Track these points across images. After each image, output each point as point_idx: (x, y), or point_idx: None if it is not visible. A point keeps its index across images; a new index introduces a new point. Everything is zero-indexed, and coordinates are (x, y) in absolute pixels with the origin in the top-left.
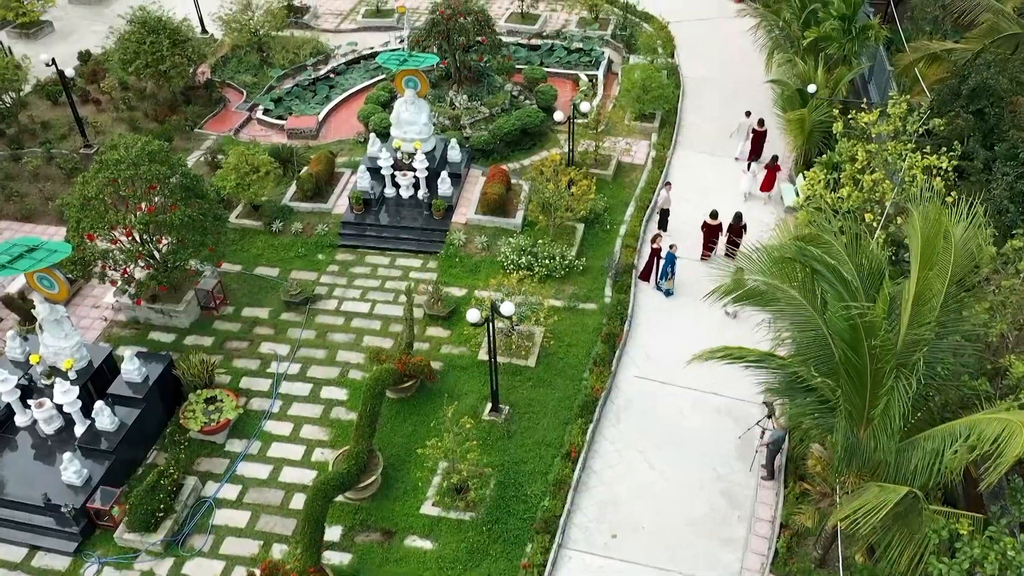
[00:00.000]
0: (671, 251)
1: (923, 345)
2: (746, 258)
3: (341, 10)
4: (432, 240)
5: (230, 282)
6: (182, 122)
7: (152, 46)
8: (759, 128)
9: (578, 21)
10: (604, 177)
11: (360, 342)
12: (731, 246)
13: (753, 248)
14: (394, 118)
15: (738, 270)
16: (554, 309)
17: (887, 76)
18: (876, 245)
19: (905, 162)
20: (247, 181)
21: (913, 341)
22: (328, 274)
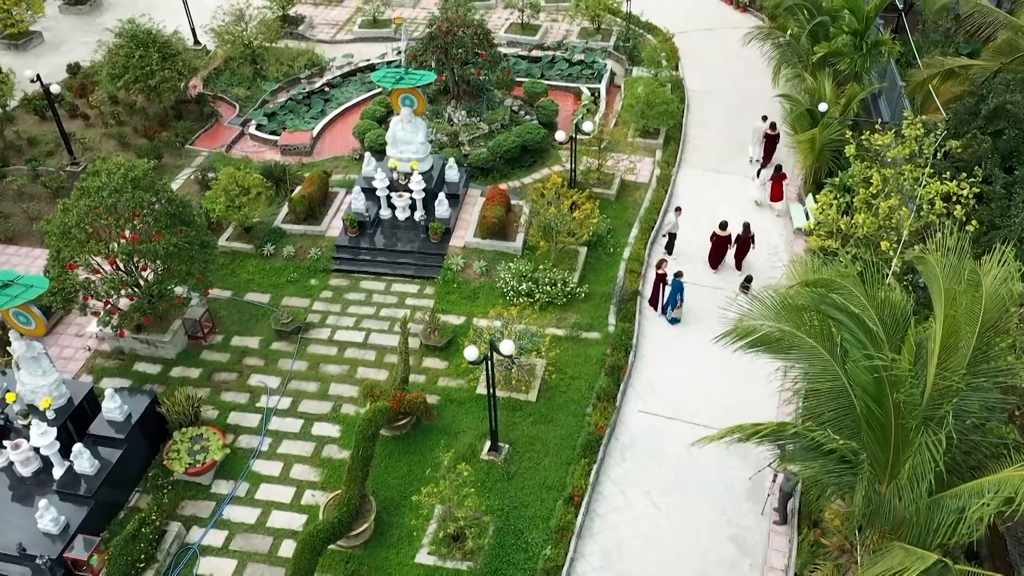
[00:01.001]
0: (677, 278)
1: (952, 397)
2: (759, 303)
3: (337, 20)
4: (429, 264)
5: (219, 309)
6: (172, 138)
7: (141, 60)
8: (771, 132)
9: (579, 32)
10: (607, 197)
11: (354, 374)
12: (739, 257)
13: (766, 292)
14: (390, 137)
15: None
16: (556, 339)
17: (899, 92)
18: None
19: (923, 188)
20: (237, 203)
21: (941, 393)
22: (321, 300)
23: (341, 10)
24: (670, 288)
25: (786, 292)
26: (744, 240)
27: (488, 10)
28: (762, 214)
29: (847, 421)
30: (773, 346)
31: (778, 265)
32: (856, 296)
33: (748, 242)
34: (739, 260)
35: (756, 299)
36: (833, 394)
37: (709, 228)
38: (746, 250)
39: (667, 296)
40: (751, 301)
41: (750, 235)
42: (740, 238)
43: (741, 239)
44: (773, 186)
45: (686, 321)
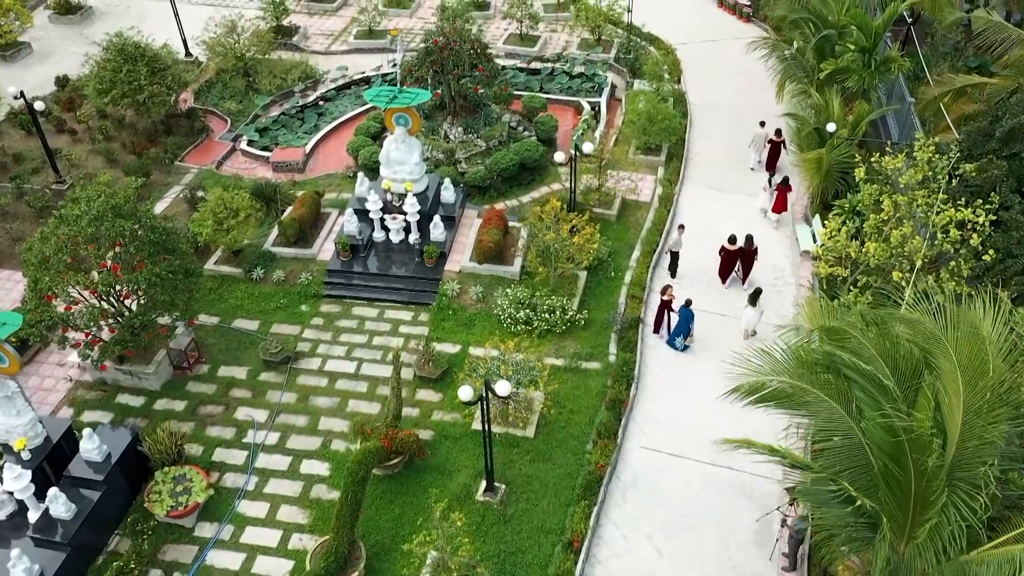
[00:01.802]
0: (687, 307)
1: (977, 457)
2: (770, 356)
3: (332, 30)
4: (423, 290)
5: (206, 336)
6: (161, 155)
7: (129, 75)
8: (776, 138)
9: (579, 43)
10: (608, 217)
11: (345, 407)
12: (744, 270)
13: (776, 346)
14: (383, 157)
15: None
16: (554, 370)
17: (908, 108)
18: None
19: (937, 216)
20: (226, 226)
21: (964, 452)
22: (311, 328)
23: (336, 20)
24: (679, 317)
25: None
26: (748, 252)
27: (486, 20)
28: (769, 231)
29: (863, 479)
30: (784, 402)
31: (784, 288)
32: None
33: (752, 254)
34: (746, 273)
35: (767, 354)
36: (848, 450)
37: (713, 248)
38: (751, 262)
39: (676, 325)
40: (760, 355)
41: (754, 247)
42: (744, 250)
43: (745, 252)
44: (777, 196)
45: (691, 349)
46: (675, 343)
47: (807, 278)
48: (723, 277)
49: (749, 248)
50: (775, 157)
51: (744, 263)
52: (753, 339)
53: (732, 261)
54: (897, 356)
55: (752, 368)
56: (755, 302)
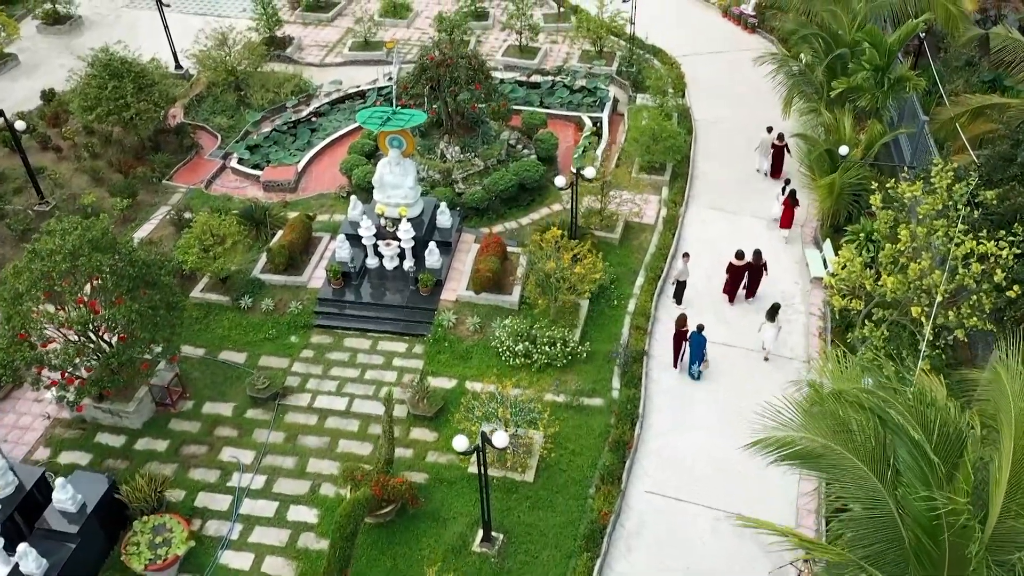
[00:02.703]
0: (699, 332)
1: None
2: (799, 411)
3: (327, 41)
4: (418, 320)
5: (191, 369)
6: (148, 173)
7: (115, 92)
8: (779, 143)
9: (580, 55)
10: (610, 241)
11: (335, 447)
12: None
13: (805, 400)
14: (376, 180)
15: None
16: (555, 407)
17: (921, 126)
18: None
19: (958, 248)
20: (212, 253)
21: (1007, 532)
22: (301, 361)
23: (332, 30)
24: (692, 344)
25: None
26: (756, 268)
27: (484, 31)
28: (779, 255)
29: (892, 552)
30: (811, 463)
31: (794, 317)
32: (900, 408)
33: (760, 270)
34: (752, 289)
35: (797, 408)
36: (877, 520)
37: (720, 275)
38: (758, 278)
39: (690, 353)
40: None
41: (762, 262)
42: (751, 266)
43: (753, 267)
44: (784, 212)
45: (697, 384)
46: (693, 372)
47: (818, 306)
48: (730, 295)
49: (757, 263)
50: (779, 162)
51: (751, 278)
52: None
53: (739, 277)
54: (938, 423)
55: (780, 422)
56: (773, 317)
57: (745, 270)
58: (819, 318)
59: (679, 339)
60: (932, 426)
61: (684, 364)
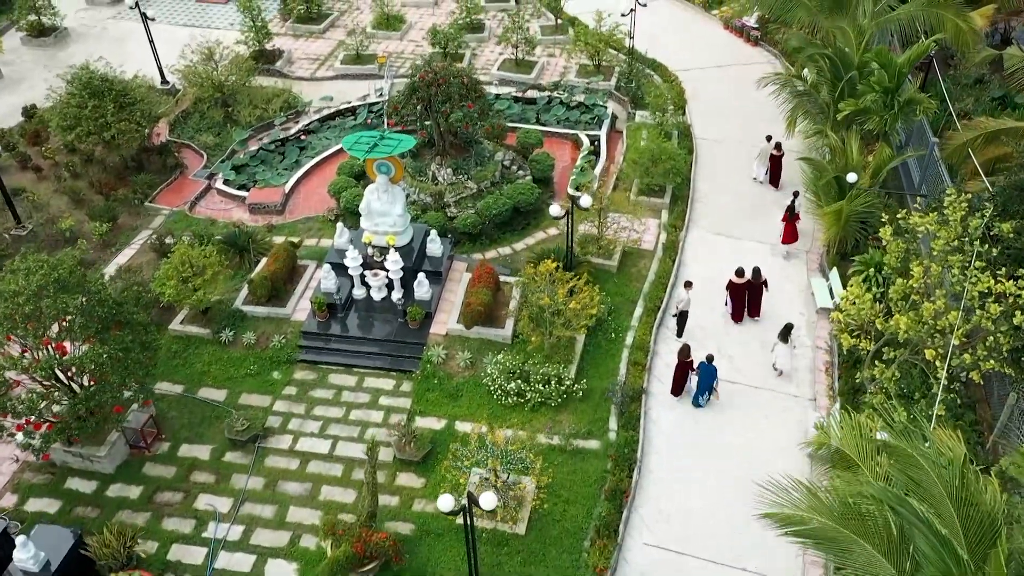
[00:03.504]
0: (708, 363)
1: None
2: (812, 495)
3: (318, 54)
4: (406, 356)
5: (168, 408)
6: (130, 195)
7: (95, 111)
8: (776, 152)
9: (578, 70)
10: (608, 268)
11: (317, 494)
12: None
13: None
14: (364, 208)
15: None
16: (548, 450)
17: (931, 149)
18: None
19: (975, 285)
20: (191, 285)
21: None
22: (283, 399)
23: (323, 43)
24: (701, 374)
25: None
26: (756, 286)
27: (480, 44)
28: (781, 286)
29: None
30: (824, 545)
31: (799, 351)
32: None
33: (760, 288)
34: (754, 308)
35: (810, 492)
36: None
37: (722, 306)
38: (759, 296)
39: (698, 384)
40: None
41: (762, 280)
42: (752, 284)
43: (753, 285)
44: (785, 228)
45: (698, 426)
46: (699, 401)
47: (824, 339)
48: (736, 316)
49: (757, 281)
50: (778, 171)
51: (752, 297)
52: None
53: (741, 295)
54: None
55: (787, 500)
56: (786, 338)
57: (746, 288)
58: (825, 351)
59: (682, 369)
60: (959, 512)
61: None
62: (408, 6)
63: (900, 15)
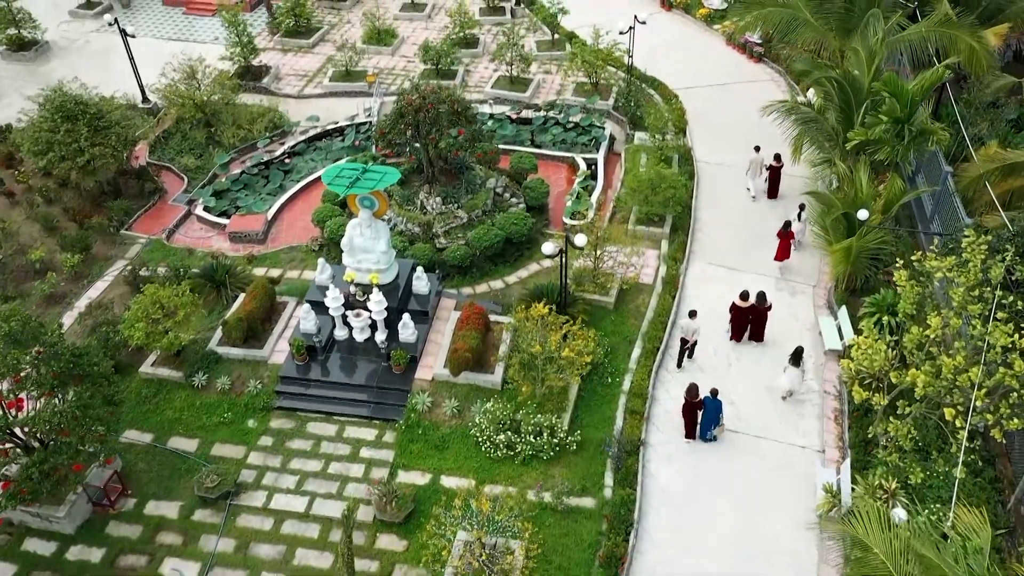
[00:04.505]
0: (713, 397)
1: None
2: None
3: (307, 70)
4: (390, 403)
5: (136, 460)
6: (105, 223)
7: (67, 136)
8: (776, 164)
9: (575, 88)
10: (604, 305)
11: (291, 558)
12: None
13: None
14: (346, 244)
15: None
16: (539, 508)
17: (945, 178)
18: None
19: (996, 339)
20: (162, 327)
21: None
22: (258, 450)
23: (312, 58)
24: (707, 409)
25: None
26: (760, 311)
27: (474, 59)
28: (787, 325)
29: None
30: None
31: (805, 396)
32: None
33: (764, 313)
34: (756, 333)
35: None
36: None
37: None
38: (763, 321)
39: (704, 418)
40: None
41: (766, 305)
42: (756, 308)
43: (757, 310)
44: (780, 244)
45: (699, 481)
46: (708, 436)
47: (834, 384)
48: (735, 336)
49: (761, 306)
50: (776, 183)
51: (755, 322)
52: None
53: (743, 319)
54: None
55: None
56: (798, 362)
57: (749, 312)
58: (834, 397)
59: (691, 409)
60: None
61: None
62: (400, 19)
63: (911, 35)
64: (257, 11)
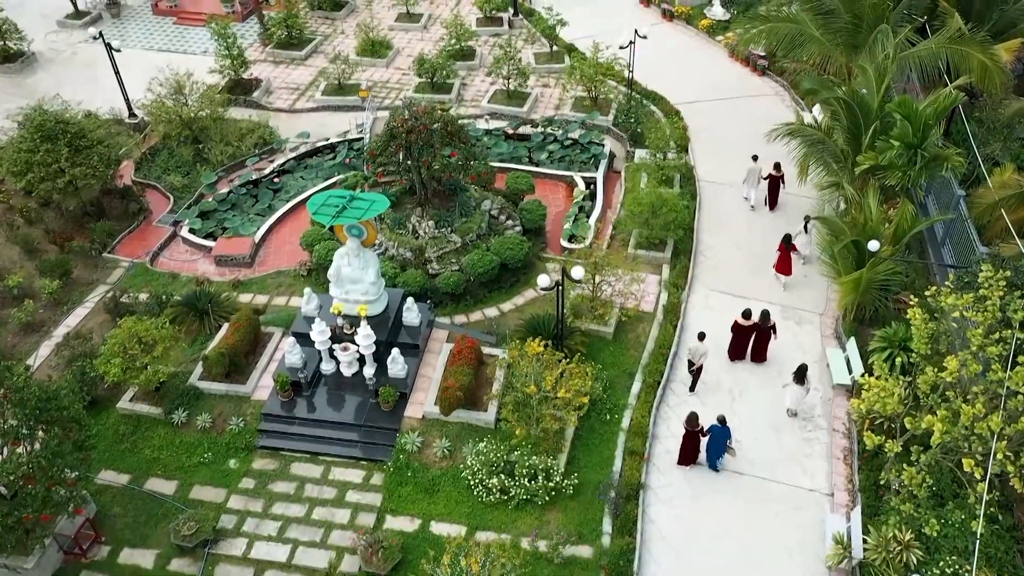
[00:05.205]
0: (721, 425)
1: None
2: None
3: (299, 83)
4: (378, 443)
5: (111, 503)
6: (87, 246)
7: (47, 156)
8: (775, 173)
9: (573, 102)
10: (603, 335)
11: None
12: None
13: None
14: (332, 274)
15: None
16: (534, 561)
17: (957, 202)
18: None
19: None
20: (140, 363)
21: None
22: (239, 493)
23: (304, 71)
24: (713, 438)
25: None
26: (764, 331)
27: (470, 72)
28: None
29: None
30: None
31: (812, 435)
32: None
33: (768, 332)
34: (760, 352)
35: None
36: None
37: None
38: (766, 341)
39: (713, 449)
40: None
41: (770, 324)
42: (758, 327)
43: (760, 329)
44: (780, 257)
45: (702, 527)
46: (716, 466)
47: (843, 421)
48: (732, 356)
49: (765, 325)
50: (775, 193)
51: (758, 341)
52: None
53: (745, 338)
54: None
55: None
56: (802, 380)
57: (752, 331)
58: (843, 435)
59: (691, 438)
60: None
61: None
62: (396, 30)
63: (922, 52)
64: (249, 21)
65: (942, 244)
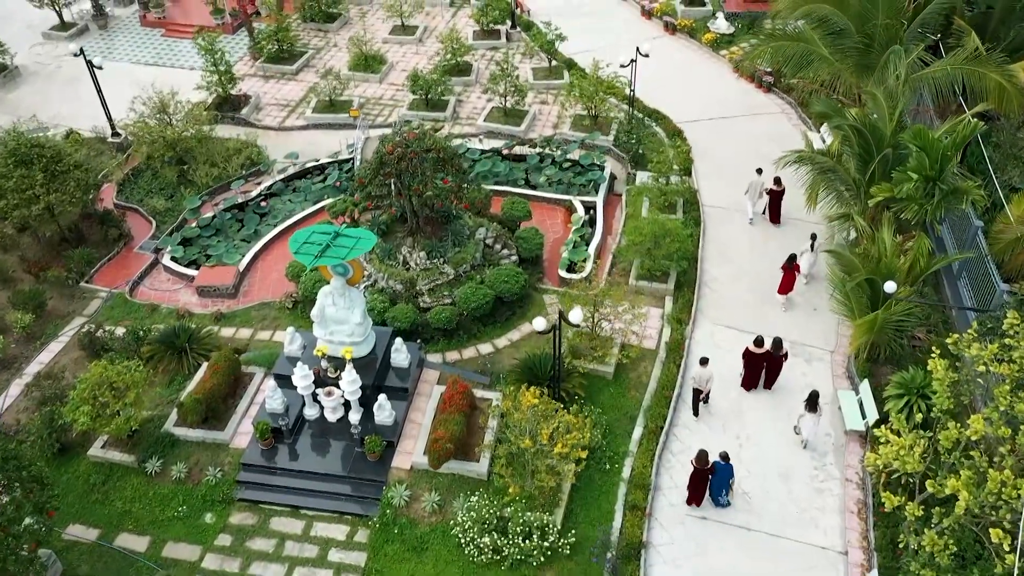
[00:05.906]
0: (724, 462)
1: None
2: None
3: (289, 100)
4: (363, 496)
5: (78, 561)
6: (63, 275)
7: (21, 182)
8: (776, 187)
9: (573, 120)
10: (602, 374)
11: None
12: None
13: None
14: (316, 314)
15: None
16: None
17: (975, 233)
18: None
19: None
20: (111, 410)
21: None
22: (215, 551)
23: (295, 86)
24: (717, 475)
25: None
26: (776, 359)
27: (466, 88)
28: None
29: None
30: None
31: (824, 484)
32: None
33: (780, 360)
34: (771, 380)
35: None
36: None
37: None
38: (778, 369)
39: (717, 485)
40: None
41: (782, 352)
42: (770, 355)
43: (772, 357)
44: (784, 277)
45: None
46: (722, 501)
47: (856, 470)
48: (746, 385)
49: (777, 353)
50: (777, 207)
51: (770, 369)
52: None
53: (758, 366)
54: None
55: None
56: (814, 407)
57: (764, 359)
58: (857, 486)
59: (700, 476)
60: None
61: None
62: (390, 43)
63: (936, 72)
64: (239, 33)
65: (959, 277)
